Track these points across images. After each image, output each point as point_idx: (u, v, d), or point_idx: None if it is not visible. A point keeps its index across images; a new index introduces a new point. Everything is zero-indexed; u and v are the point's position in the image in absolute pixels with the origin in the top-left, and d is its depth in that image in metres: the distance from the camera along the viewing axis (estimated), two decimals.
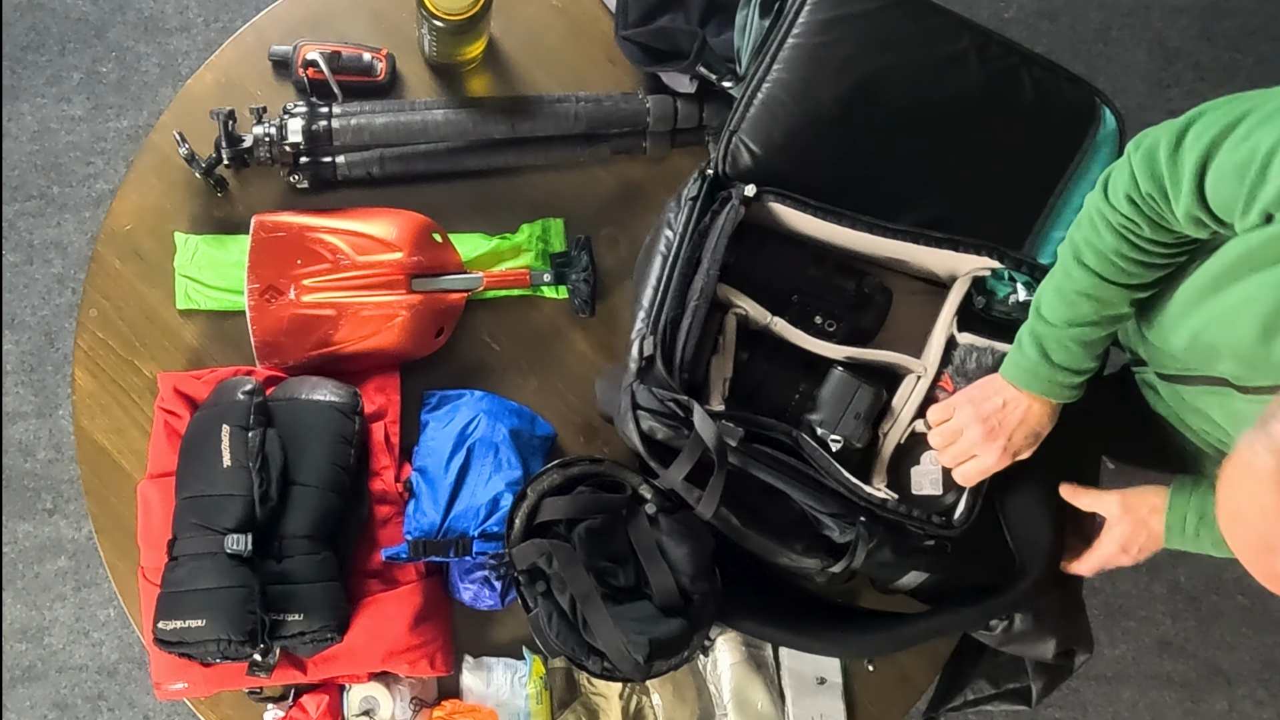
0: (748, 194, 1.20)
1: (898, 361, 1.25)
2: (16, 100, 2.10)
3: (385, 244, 1.27)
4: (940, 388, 1.23)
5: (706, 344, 1.22)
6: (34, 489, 2.03)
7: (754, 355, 1.25)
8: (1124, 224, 0.99)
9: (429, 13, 1.24)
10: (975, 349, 1.22)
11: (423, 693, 1.28)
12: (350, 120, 1.31)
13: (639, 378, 1.16)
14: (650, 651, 1.13)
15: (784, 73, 1.22)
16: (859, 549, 1.17)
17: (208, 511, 1.15)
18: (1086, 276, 1.03)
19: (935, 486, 1.23)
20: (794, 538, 1.20)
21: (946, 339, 1.23)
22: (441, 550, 1.23)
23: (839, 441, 1.21)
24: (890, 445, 1.23)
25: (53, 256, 2.07)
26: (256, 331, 1.26)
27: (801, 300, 1.26)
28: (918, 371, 1.24)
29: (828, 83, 1.21)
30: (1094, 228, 1.02)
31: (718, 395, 1.22)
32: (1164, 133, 0.93)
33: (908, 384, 1.25)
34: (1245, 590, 2.14)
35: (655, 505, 1.20)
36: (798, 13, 1.23)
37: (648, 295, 1.19)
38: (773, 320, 1.24)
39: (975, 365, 1.21)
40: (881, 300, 1.30)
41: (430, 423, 1.30)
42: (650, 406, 1.15)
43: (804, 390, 1.24)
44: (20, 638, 2.00)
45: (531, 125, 1.35)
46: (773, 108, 1.22)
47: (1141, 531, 1.13)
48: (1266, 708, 2.13)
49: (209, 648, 1.12)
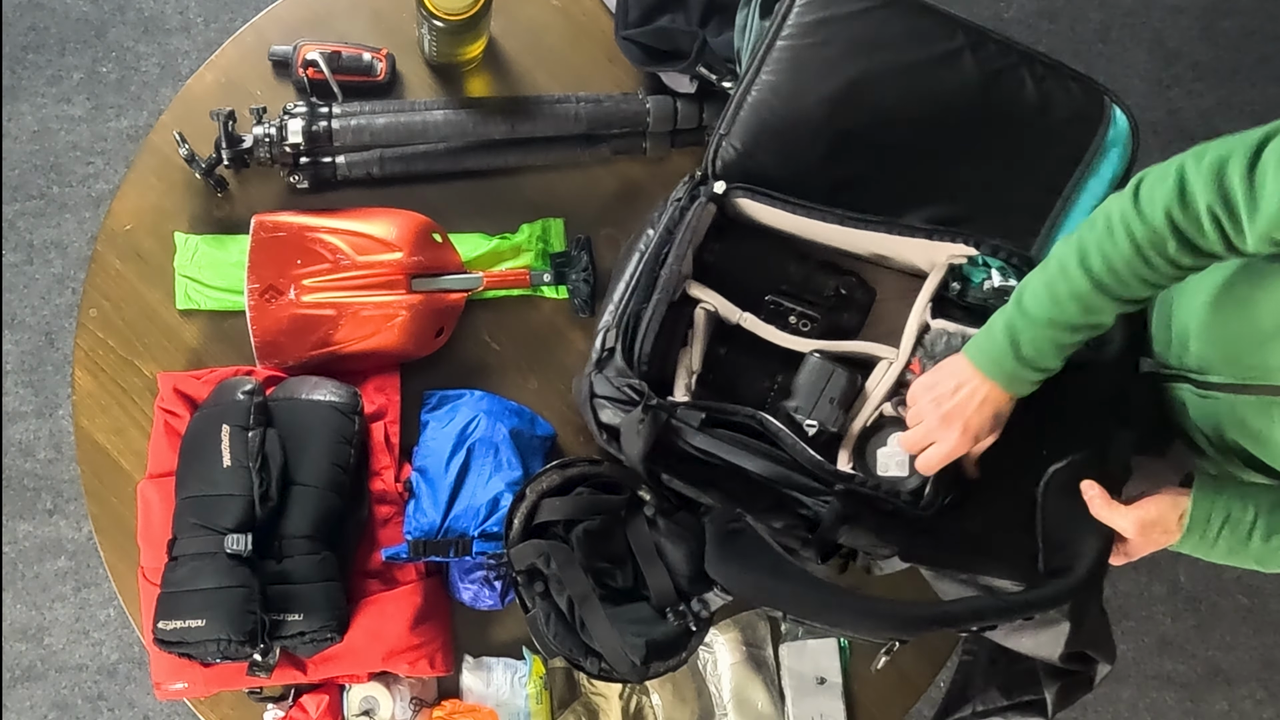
0: (717, 190, 1.20)
1: (870, 351, 1.24)
2: (16, 100, 2.10)
3: (385, 244, 1.27)
4: (909, 370, 1.22)
5: (675, 338, 1.22)
6: (34, 489, 2.03)
7: (731, 349, 1.25)
8: (1150, 238, 0.94)
9: (429, 13, 1.24)
10: (946, 333, 1.20)
11: (423, 693, 1.28)
12: (350, 120, 1.31)
13: (598, 367, 1.16)
14: (647, 653, 1.13)
15: (772, 75, 1.23)
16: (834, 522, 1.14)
17: (208, 511, 1.15)
18: (1085, 280, 0.99)
19: (901, 468, 1.20)
20: (772, 516, 1.18)
21: (920, 325, 1.21)
22: (441, 550, 1.23)
23: (814, 426, 1.20)
24: (857, 426, 1.21)
25: (53, 256, 2.07)
26: (256, 331, 1.26)
27: (777, 298, 1.26)
28: (889, 358, 1.23)
29: (814, 86, 1.22)
30: (1109, 234, 0.97)
31: (682, 387, 1.21)
32: (1238, 145, 0.88)
33: (879, 369, 1.23)
34: (1245, 590, 2.14)
35: (654, 507, 1.20)
36: (786, 15, 1.23)
37: (619, 290, 1.20)
38: (742, 317, 1.24)
39: (944, 348, 1.19)
40: (862, 298, 1.29)
41: (430, 423, 1.30)
42: (607, 394, 1.15)
43: (780, 382, 1.25)
44: (20, 638, 2.00)
45: (531, 125, 1.35)
46: (760, 111, 1.22)
47: (1149, 548, 1.11)
48: (1266, 708, 2.13)
49: (209, 648, 1.12)
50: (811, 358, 1.22)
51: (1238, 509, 1.04)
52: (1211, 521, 1.05)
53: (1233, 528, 1.05)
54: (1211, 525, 1.05)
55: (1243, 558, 1.06)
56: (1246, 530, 1.04)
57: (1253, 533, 1.04)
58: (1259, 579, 2.13)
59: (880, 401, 1.21)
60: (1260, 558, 1.06)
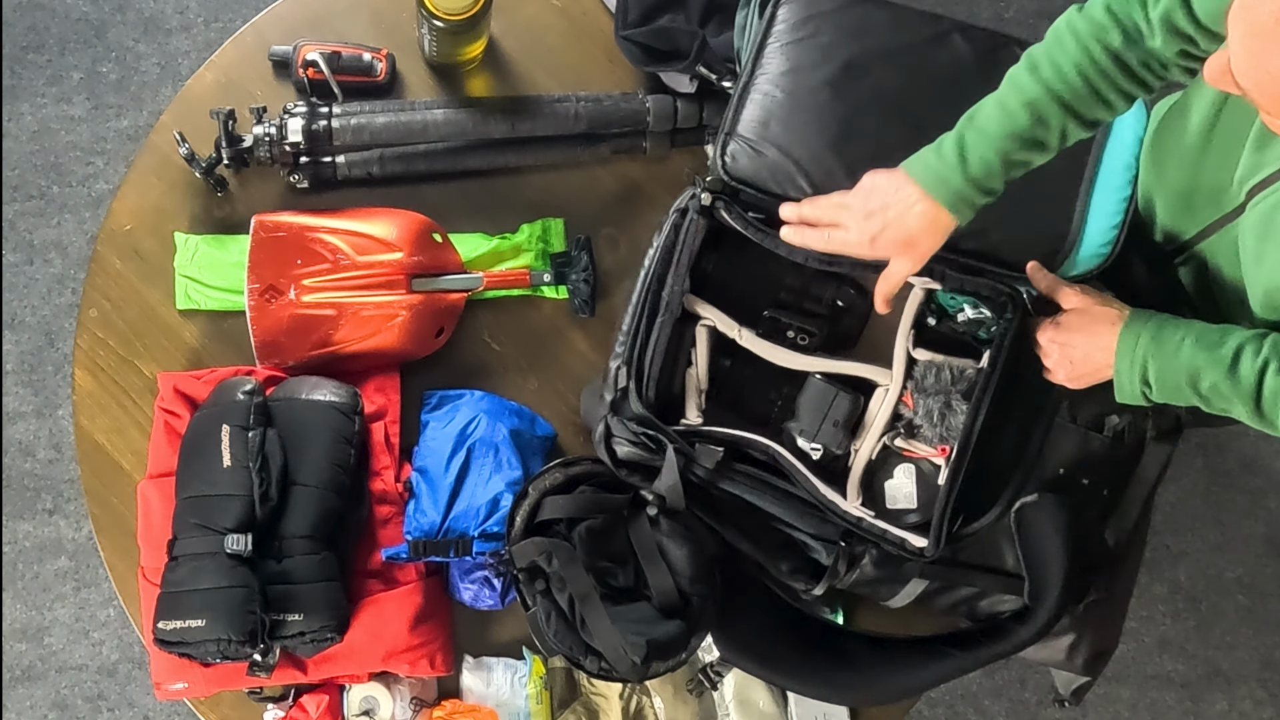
0: (704, 202, 1.20)
1: (867, 374, 1.23)
2: (16, 100, 2.10)
3: (385, 244, 1.27)
4: (903, 403, 1.21)
5: (681, 358, 1.23)
6: (34, 489, 2.03)
7: (735, 361, 1.26)
8: (1094, 31, 0.99)
9: (429, 13, 1.24)
10: (934, 364, 1.20)
11: (423, 693, 1.28)
12: (350, 120, 1.31)
13: (613, 410, 1.18)
14: (647, 653, 1.13)
15: (769, 68, 1.23)
16: (840, 569, 1.19)
17: (208, 511, 1.15)
18: (1037, 86, 1.01)
19: (909, 500, 1.22)
20: (781, 559, 1.23)
21: (905, 356, 1.21)
22: (441, 550, 1.23)
23: (819, 450, 1.22)
24: (862, 461, 1.22)
25: (53, 256, 2.07)
26: (256, 331, 1.26)
27: (775, 313, 1.26)
28: (885, 384, 1.22)
29: (813, 71, 1.22)
30: (1058, 40, 1.01)
31: (694, 408, 1.22)
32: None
33: (877, 397, 1.23)
34: (1245, 590, 2.14)
35: (656, 506, 1.20)
36: (772, 19, 1.25)
37: (627, 319, 1.21)
38: (740, 333, 1.24)
39: (934, 379, 1.19)
40: (860, 306, 1.29)
41: (430, 423, 1.30)
42: (625, 436, 1.17)
43: (785, 396, 1.26)
44: (20, 638, 2.00)
45: (531, 125, 1.35)
46: (764, 103, 1.23)
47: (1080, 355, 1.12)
48: (1266, 708, 2.13)
49: (209, 648, 1.12)
50: (813, 380, 1.23)
51: (1172, 322, 1.07)
52: (1149, 322, 1.07)
53: (1167, 327, 1.06)
54: (1148, 324, 1.07)
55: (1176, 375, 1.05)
56: (1179, 336, 1.04)
57: (1185, 340, 1.04)
58: (1259, 579, 2.13)
59: (882, 432, 1.21)
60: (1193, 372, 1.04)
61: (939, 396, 1.18)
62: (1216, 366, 1.01)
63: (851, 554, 1.19)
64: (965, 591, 1.24)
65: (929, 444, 1.20)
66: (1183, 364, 1.03)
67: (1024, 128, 1.01)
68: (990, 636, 1.21)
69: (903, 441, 1.22)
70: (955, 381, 1.18)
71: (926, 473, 1.22)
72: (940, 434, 1.18)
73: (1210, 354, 1.01)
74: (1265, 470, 2.17)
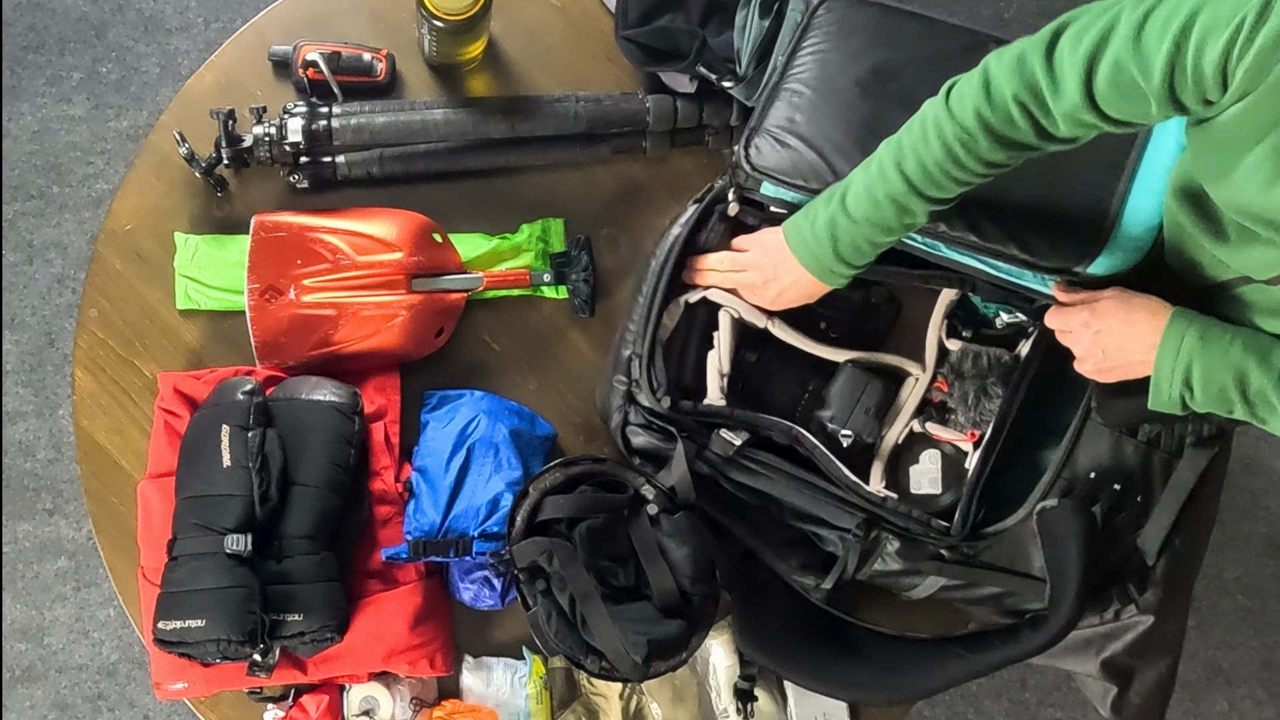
0: (731, 213, 1.24)
1: (898, 364, 1.25)
2: (16, 100, 2.10)
3: (385, 244, 1.27)
4: (937, 388, 1.24)
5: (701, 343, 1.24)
6: (34, 489, 2.03)
7: (762, 356, 1.26)
8: (961, 137, 0.97)
9: (429, 13, 1.24)
10: (971, 351, 1.22)
11: (423, 693, 1.28)
12: (350, 120, 1.31)
13: (629, 400, 1.22)
14: (648, 652, 1.13)
15: (799, 72, 1.24)
16: (851, 561, 1.18)
17: (208, 511, 1.15)
18: (901, 183, 1.02)
19: (934, 485, 1.23)
20: (790, 555, 1.23)
21: (938, 346, 1.24)
22: (441, 550, 1.23)
23: (849, 436, 1.22)
24: (889, 444, 1.24)
25: (53, 256, 2.07)
26: (256, 331, 1.26)
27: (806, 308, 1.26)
28: (915, 373, 1.25)
29: (843, 70, 1.22)
30: (923, 137, 1.00)
31: (716, 390, 1.23)
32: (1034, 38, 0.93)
33: (908, 385, 1.25)
34: (1245, 590, 2.14)
35: (657, 506, 1.20)
36: (807, 26, 1.26)
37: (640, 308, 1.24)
38: (771, 320, 1.24)
39: (971, 364, 1.21)
40: (888, 310, 1.30)
41: (430, 423, 1.30)
42: (639, 424, 1.21)
43: (813, 389, 1.26)
44: (20, 638, 2.00)
45: (531, 125, 1.35)
46: (791, 100, 1.23)
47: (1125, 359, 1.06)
48: (1266, 708, 2.13)
49: (209, 648, 1.12)
50: (847, 368, 1.24)
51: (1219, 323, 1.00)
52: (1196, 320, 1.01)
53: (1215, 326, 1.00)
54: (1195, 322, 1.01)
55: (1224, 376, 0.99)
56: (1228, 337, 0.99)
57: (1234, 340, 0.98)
58: (1259, 579, 2.13)
59: (910, 418, 1.23)
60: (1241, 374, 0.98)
61: (975, 380, 1.20)
62: (1268, 370, 0.96)
63: (865, 546, 1.18)
64: (989, 590, 1.21)
65: (960, 429, 1.21)
66: (1232, 363, 0.97)
67: (888, 218, 1.06)
68: (1004, 640, 1.18)
69: (932, 425, 1.23)
70: (992, 368, 1.20)
71: (952, 457, 1.23)
72: (974, 418, 1.20)
73: (1262, 357, 0.96)
74: (1265, 470, 2.17)
